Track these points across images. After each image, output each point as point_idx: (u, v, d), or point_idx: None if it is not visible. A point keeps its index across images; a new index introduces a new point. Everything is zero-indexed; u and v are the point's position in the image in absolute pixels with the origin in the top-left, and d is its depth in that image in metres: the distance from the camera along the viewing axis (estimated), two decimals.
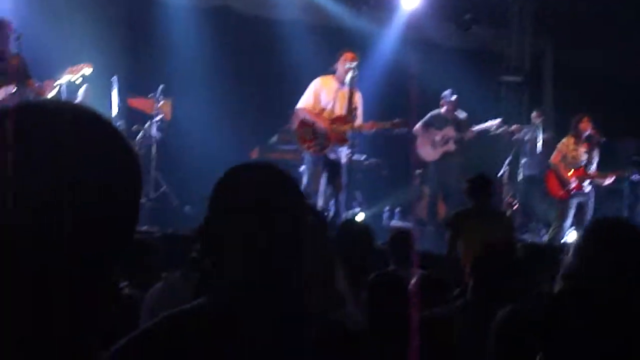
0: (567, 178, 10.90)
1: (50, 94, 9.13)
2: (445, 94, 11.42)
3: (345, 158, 9.45)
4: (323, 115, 9.49)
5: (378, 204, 12.08)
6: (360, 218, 9.92)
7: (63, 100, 1.17)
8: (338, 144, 9.48)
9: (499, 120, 11.90)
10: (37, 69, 9.33)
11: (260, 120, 12.37)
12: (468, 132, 11.38)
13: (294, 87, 10.80)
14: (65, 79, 9.21)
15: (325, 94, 9.54)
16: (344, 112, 9.46)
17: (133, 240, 1.22)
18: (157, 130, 10.80)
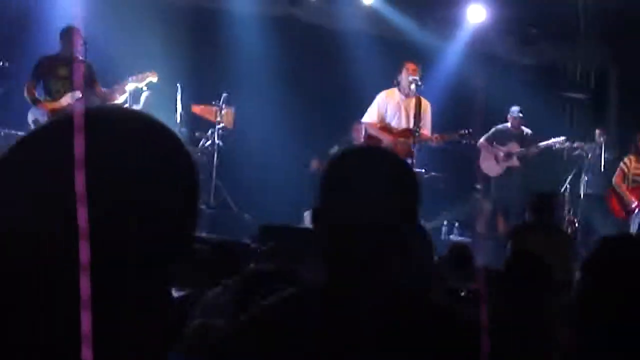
0: (628, 198, 10.75)
1: (117, 101, 9.26)
2: (513, 110, 11.38)
3: None
4: (388, 129, 9.50)
5: (436, 218, 11.98)
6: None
7: (125, 107, 1.17)
8: (405, 158, 9.47)
9: (563, 138, 11.76)
10: (103, 76, 9.48)
11: (321, 130, 12.35)
12: (532, 147, 11.28)
13: (356, 98, 10.83)
14: (131, 86, 9.35)
15: (390, 108, 9.62)
16: (410, 124, 9.48)
17: (191, 245, 1.22)
18: (219, 138, 10.85)
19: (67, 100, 9.02)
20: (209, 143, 10.91)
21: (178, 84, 10.49)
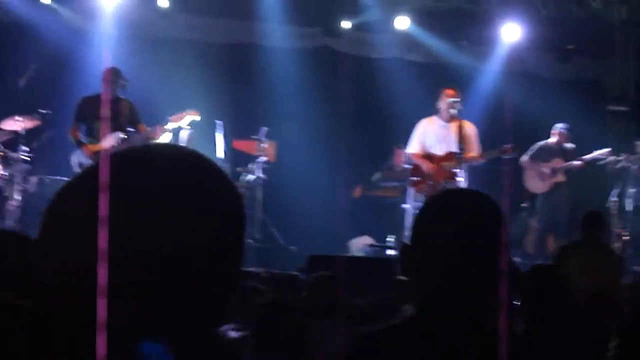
0: None
1: (160, 139, 9.30)
2: (561, 126, 11.32)
3: None
4: (429, 157, 9.68)
5: None
6: None
7: (167, 143, 1.17)
8: (447, 181, 9.52)
9: (608, 150, 11.64)
10: (145, 115, 9.55)
11: (363, 158, 12.37)
12: (577, 161, 11.19)
13: (396, 124, 10.87)
14: (172, 125, 9.37)
15: (430, 135, 9.78)
16: (453, 148, 9.54)
17: (239, 280, 1.23)
18: (262, 172, 10.87)
19: (109, 142, 9.07)
20: (252, 177, 10.92)
21: (217, 121, 10.53)
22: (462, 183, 9.60)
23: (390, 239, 10.86)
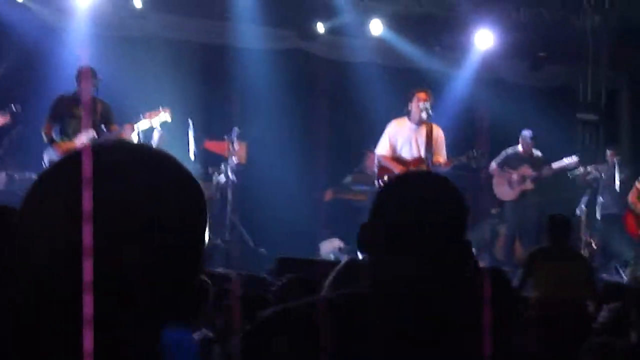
0: None
1: (129, 138, 9.30)
2: (525, 134, 11.37)
3: None
4: (399, 160, 9.53)
5: None
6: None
7: (134, 142, 1.17)
8: None
9: (576, 158, 11.73)
10: (117, 113, 9.54)
11: (334, 161, 12.42)
12: (545, 169, 11.26)
13: (368, 128, 10.88)
14: (144, 124, 9.40)
15: (401, 137, 9.67)
16: (422, 152, 9.48)
17: (198, 277, 1.23)
18: (232, 173, 10.86)
19: (80, 140, 9.09)
20: (223, 179, 10.91)
21: (190, 120, 10.51)
22: None
23: None
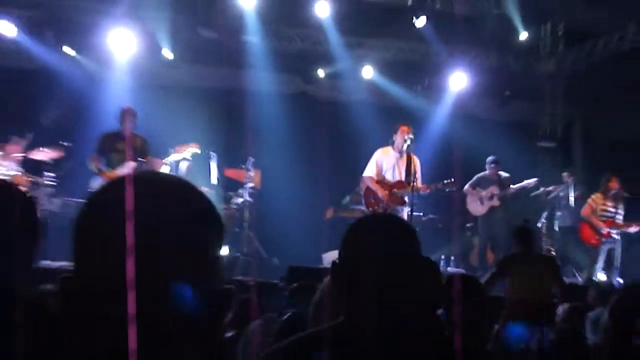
0: (599, 227, 10.83)
1: (161, 169, 9.44)
2: (490, 160, 11.49)
3: (406, 215, 9.54)
4: (383, 183, 9.75)
5: (435, 253, 12.12)
6: None
7: (163, 173, 1.29)
8: (397, 205, 9.69)
9: (535, 179, 11.91)
10: (152, 147, 9.70)
11: (334, 185, 12.52)
12: (510, 189, 11.40)
13: (362, 157, 10.95)
14: (175, 157, 9.55)
15: (386, 163, 9.77)
16: (403, 177, 9.67)
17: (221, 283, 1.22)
18: (249, 196, 11.08)
19: (122, 171, 9.19)
20: (241, 200, 11.08)
21: (211, 152, 10.67)
22: (406, 208, 9.63)
23: None
